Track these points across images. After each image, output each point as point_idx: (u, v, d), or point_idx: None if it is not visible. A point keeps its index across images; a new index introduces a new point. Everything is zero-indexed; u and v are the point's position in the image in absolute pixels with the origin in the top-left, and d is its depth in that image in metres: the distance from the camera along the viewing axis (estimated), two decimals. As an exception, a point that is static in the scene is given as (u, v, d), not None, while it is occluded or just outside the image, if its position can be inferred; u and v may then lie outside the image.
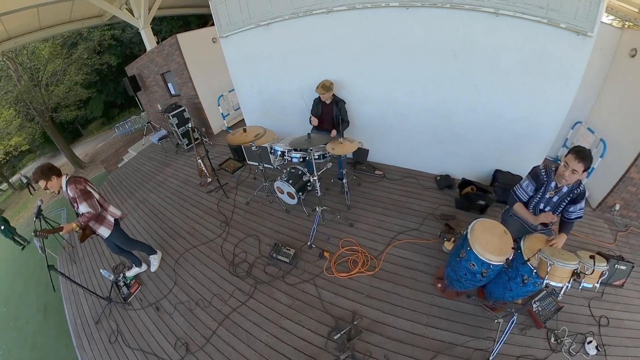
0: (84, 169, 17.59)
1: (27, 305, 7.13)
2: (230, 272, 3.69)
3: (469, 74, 3.48)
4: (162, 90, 9.86)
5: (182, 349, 3.11)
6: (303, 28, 4.23)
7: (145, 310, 3.73)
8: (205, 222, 4.73)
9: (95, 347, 3.64)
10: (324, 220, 3.95)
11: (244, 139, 3.91)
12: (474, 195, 3.65)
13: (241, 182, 5.43)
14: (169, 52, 7.87)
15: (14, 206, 22.17)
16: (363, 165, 4.81)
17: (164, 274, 4.09)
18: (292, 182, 4.06)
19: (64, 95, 16.93)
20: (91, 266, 5.07)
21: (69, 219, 10.00)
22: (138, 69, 10.63)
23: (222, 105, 8.03)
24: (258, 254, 3.80)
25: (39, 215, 5.29)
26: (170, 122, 7.64)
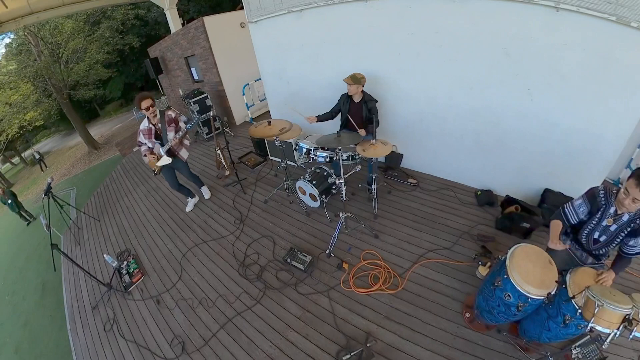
0: (98, 150, 18.67)
1: (25, 281, 7.68)
2: (240, 273, 3.82)
3: (521, 75, 3.41)
4: (184, 75, 10.34)
5: (178, 347, 3.26)
6: (338, 16, 4.32)
7: (146, 302, 3.94)
8: (219, 217, 4.93)
9: (88, 333, 3.92)
10: (346, 228, 4.00)
11: (268, 132, 4.05)
12: (518, 216, 3.58)
13: (261, 178, 5.61)
14: (194, 35, 8.25)
15: (23, 181, 23.86)
16: (395, 171, 4.83)
17: (170, 267, 4.31)
18: (315, 183, 4.15)
19: (84, 73, 18.25)
20: (95, 250, 5.43)
21: (77, 200, 10.63)
22: (161, 51, 11.21)
23: (247, 94, 8.31)
24: (271, 257, 3.92)
25: (49, 192, 5.83)
26: (190, 109, 8.00)
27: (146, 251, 4.82)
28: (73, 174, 16.34)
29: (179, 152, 4.60)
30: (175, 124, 4.38)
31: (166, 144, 4.35)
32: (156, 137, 4.38)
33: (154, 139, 4.34)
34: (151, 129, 4.29)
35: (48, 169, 21.95)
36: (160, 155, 4.39)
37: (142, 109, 4.10)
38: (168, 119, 4.33)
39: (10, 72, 16.87)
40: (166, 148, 4.36)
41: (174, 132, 4.37)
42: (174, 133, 4.37)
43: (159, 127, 4.32)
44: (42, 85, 16.84)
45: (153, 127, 4.29)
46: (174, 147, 4.51)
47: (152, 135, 4.33)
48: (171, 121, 4.35)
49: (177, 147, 4.56)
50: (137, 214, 5.85)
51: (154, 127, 4.29)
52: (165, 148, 4.36)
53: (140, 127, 4.33)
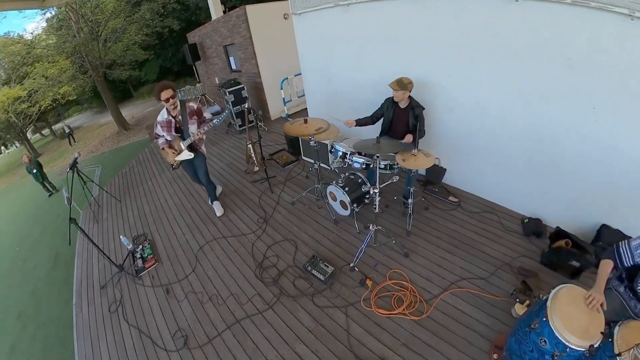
0: (127, 131, 19.93)
1: (39, 250, 8.43)
2: (256, 274, 4.00)
3: (586, 92, 3.27)
4: (222, 63, 10.87)
5: (181, 341, 3.47)
6: (387, 13, 4.40)
7: (155, 289, 4.23)
8: (242, 213, 5.18)
9: (92, 311, 4.27)
10: (375, 242, 4.07)
11: (304, 130, 4.22)
12: (567, 252, 3.48)
13: (291, 178, 5.83)
14: (235, 24, 8.69)
15: (51, 153, 25.97)
16: (436, 186, 4.84)
17: (184, 258, 4.59)
18: (348, 189, 4.26)
19: (121, 53, 19.85)
20: (112, 230, 5.89)
21: (101, 178, 11.38)
22: (200, 37, 11.84)
23: (285, 89, 8.64)
24: (291, 263, 4.06)
25: (74, 166, 6.38)
26: (225, 99, 8.41)
27: (163, 238, 5.16)
28: (100, 151, 17.52)
29: (200, 146, 4.72)
30: (197, 116, 4.45)
31: (188, 138, 4.42)
32: (176, 130, 4.45)
33: (173, 132, 4.43)
34: (170, 122, 4.36)
35: (76, 144, 23.83)
36: (180, 150, 4.50)
37: (162, 100, 4.12)
38: (190, 111, 4.38)
39: (50, 46, 18.73)
40: (188, 142, 4.44)
41: (196, 125, 4.45)
42: (196, 126, 4.44)
43: (179, 119, 4.38)
44: (78, 62, 18.55)
45: (173, 120, 4.36)
46: (196, 142, 4.60)
47: (172, 128, 4.40)
48: (193, 113, 4.40)
49: (199, 142, 4.67)
50: (159, 199, 6.25)
51: (173, 119, 4.36)
52: (187, 142, 4.45)
53: (158, 118, 4.41)
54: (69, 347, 4.22)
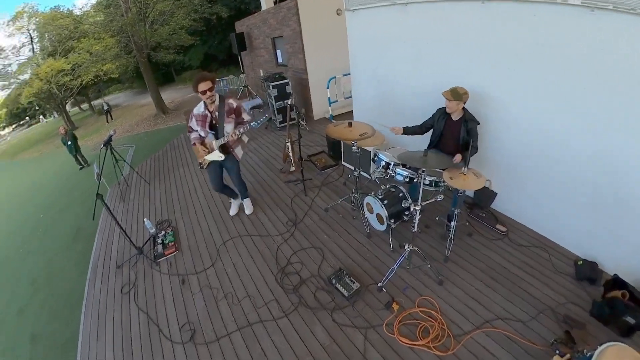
0: (165, 115, 21.00)
1: (62, 222, 9.04)
2: (277, 279, 4.10)
3: None
4: (268, 56, 11.23)
5: (188, 334, 3.63)
6: (447, 16, 4.37)
7: (171, 277, 4.46)
8: (272, 213, 5.34)
9: (105, 289, 4.59)
10: (409, 263, 4.05)
11: (347, 134, 4.29)
12: (623, 306, 3.29)
13: (327, 183, 5.93)
14: (285, 16, 8.99)
15: (87, 127, 27.94)
16: (483, 211, 4.73)
17: (206, 251, 4.80)
18: (387, 203, 4.27)
19: (167, 36, 21.00)
20: (137, 211, 6.27)
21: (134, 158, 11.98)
22: (248, 27, 12.31)
23: (331, 89, 8.78)
24: (315, 273, 4.12)
25: (108, 143, 6.85)
26: (268, 93, 8.68)
27: (187, 227, 5.41)
28: (136, 132, 18.49)
29: (234, 149, 4.65)
30: (235, 116, 4.42)
31: (221, 138, 4.41)
32: (211, 127, 4.43)
33: (208, 129, 4.42)
34: (206, 116, 4.36)
35: (113, 122, 25.52)
36: (212, 149, 4.51)
37: (199, 92, 4.12)
38: (228, 109, 4.36)
39: (97, 23, 20.20)
40: (220, 142, 4.42)
41: (232, 125, 4.40)
42: (232, 126, 4.40)
43: (215, 115, 4.37)
44: (124, 41, 19.76)
45: (209, 115, 4.36)
46: (230, 143, 4.55)
47: (207, 123, 4.39)
48: (231, 111, 4.39)
49: (234, 144, 4.61)
50: (189, 187, 6.53)
51: (210, 114, 4.36)
52: (220, 142, 4.43)
53: (194, 111, 4.44)
54: (75, 320, 4.53)
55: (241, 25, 13.34)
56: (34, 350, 4.95)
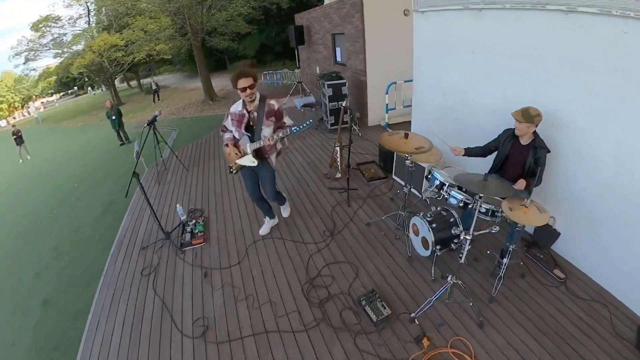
0: (213, 102, 21.92)
1: (95, 194, 9.82)
2: (303, 289, 4.15)
3: None
4: (327, 53, 11.41)
5: (200, 329, 3.77)
6: (526, 26, 4.21)
7: (194, 268, 4.68)
8: (309, 219, 5.44)
9: (125, 268, 4.91)
10: (448, 297, 3.96)
11: (402, 146, 4.29)
12: None
13: (374, 196, 5.94)
14: (348, 12, 9.09)
15: (133, 105, 29.79)
16: (542, 252, 4.53)
17: (234, 247, 4.97)
18: (435, 227, 4.20)
19: (223, 22, 22.14)
20: (171, 196, 6.64)
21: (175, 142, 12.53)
22: (308, 20, 12.58)
23: (390, 95, 8.79)
24: (346, 290, 4.12)
25: (152, 123, 7.26)
26: (323, 92, 8.82)
27: (219, 220, 5.63)
28: (181, 115, 19.41)
29: (270, 155, 4.50)
30: (276, 119, 4.31)
31: (257, 141, 4.26)
32: (247, 128, 4.32)
33: (243, 130, 4.31)
34: (244, 116, 4.26)
35: (159, 102, 27.12)
36: (244, 153, 4.38)
37: (238, 88, 4.03)
38: (268, 110, 4.24)
39: (154, 2, 21.21)
40: (255, 146, 4.28)
41: (271, 129, 4.28)
42: (271, 130, 4.28)
43: (253, 116, 4.25)
44: (179, 23, 20.89)
45: (247, 115, 4.26)
46: (266, 148, 4.39)
47: (243, 124, 4.29)
48: (272, 113, 4.27)
49: (270, 149, 4.45)
50: (227, 179, 6.81)
51: (248, 114, 4.26)
52: (255, 146, 4.28)
53: (231, 109, 4.37)
54: (90, 293, 4.89)
55: (301, 18, 13.68)
56: (44, 314, 5.37)
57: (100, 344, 3.90)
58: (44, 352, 4.70)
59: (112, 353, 3.76)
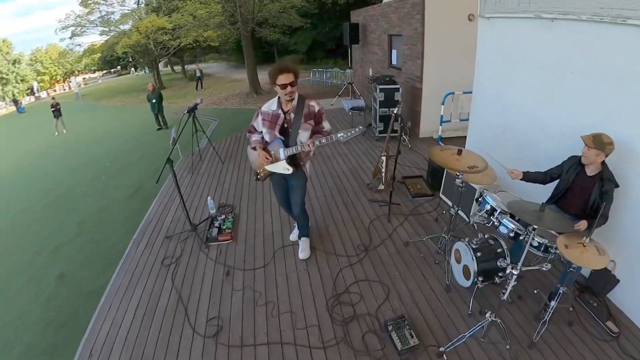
0: (257, 95, 22.57)
1: (126, 175, 10.37)
2: (328, 304, 4.18)
3: None
4: (382, 54, 11.48)
5: (213, 329, 3.90)
6: (603, 42, 4.03)
7: (216, 266, 4.86)
8: (344, 230, 5.50)
9: (146, 255, 5.20)
10: (484, 336, 3.86)
11: (454, 163, 4.23)
12: None
13: (416, 213, 5.91)
14: (408, 13, 9.10)
15: (175, 90, 31.03)
16: (596, 299, 4.36)
17: (261, 250, 5.09)
18: (480, 256, 4.13)
19: (276, 14, 22.83)
20: (203, 188, 6.93)
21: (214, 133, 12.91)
22: (365, 18, 12.69)
23: (446, 106, 8.71)
24: (373, 311, 4.13)
25: (193, 111, 7.60)
26: (374, 95, 8.88)
27: (249, 219, 5.82)
28: (223, 106, 20.05)
29: (305, 163, 4.36)
30: (315, 122, 4.14)
31: (292, 147, 4.06)
32: (281, 131, 4.13)
33: (277, 132, 4.12)
34: (278, 117, 4.08)
35: (202, 90, 28.31)
36: (277, 158, 4.17)
37: (277, 85, 3.88)
38: (308, 112, 4.08)
39: None
40: (291, 152, 4.08)
41: (308, 133, 4.12)
42: (308, 134, 4.12)
43: (290, 117, 4.08)
44: (230, 10, 21.52)
45: (282, 115, 4.07)
46: (302, 155, 4.25)
47: (278, 126, 4.10)
48: (311, 115, 4.11)
49: (306, 156, 4.33)
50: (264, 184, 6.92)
51: (284, 115, 4.08)
52: (290, 152, 4.08)
53: (263, 107, 4.21)
54: (107, 274, 5.18)
55: (357, 16, 13.82)
56: (58, 288, 5.72)
57: (109, 328, 4.13)
58: (51, 327, 4.99)
59: (120, 338, 3.96)
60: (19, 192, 12.04)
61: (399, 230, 5.47)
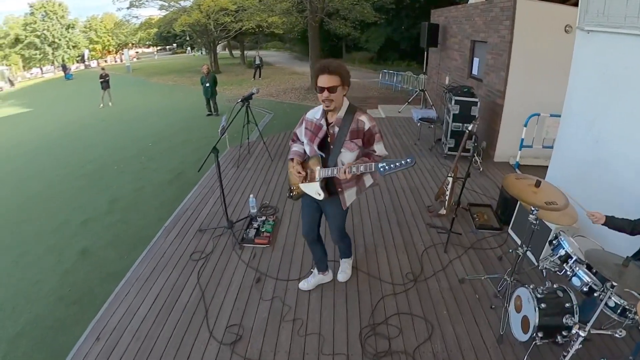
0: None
1: (167, 159, 10.98)
2: (362, 333, 4.15)
3: None
4: (461, 61, 11.38)
5: (231, 337, 3.99)
6: None
7: (247, 270, 4.99)
8: (393, 254, 5.47)
9: (175, 245, 5.43)
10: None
11: (529, 195, 4.12)
12: None
13: (478, 248, 5.76)
14: (496, 17, 8.92)
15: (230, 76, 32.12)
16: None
17: (299, 262, 5.20)
18: (544, 308, 3.97)
19: (348, 5, 23.18)
20: (247, 184, 7.19)
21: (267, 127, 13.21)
22: (447, 19, 12.63)
23: (529, 128, 8.43)
24: (411, 350, 4.05)
25: (247, 100, 7.84)
26: (448, 107, 8.82)
27: (291, 226, 5.94)
28: (280, 99, 20.53)
29: (344, 190, 3.91)
30: (364, 143, 3.74)
31: (330, 168, 3.67)
32: (321, 145, 3.78)
33: (316, 146, 3.78)
34: (320, 128, 3.74)
35: (259, 80, 29.44)
36: (312, 177, 3.81)
37: (317, 87, 3.49)
38: (355, 128, 3.65)
39: None
40: (326, 174, 3.68)
41: (354, 155, 3.73)
42: (354, 156, 3.73)
43: (334, 131, 3.69)
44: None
45: (325, 127, 3.72)
46: (340, 180, 3.73)
47: (318, 138, 3.76)
48: (359, 134, 3.68)
49: (346, 183, 3.85)
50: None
51: (327, 127, 3.72)
52: (325, 173, 3.69)
53: (308, 114, 3.91)
54: (131, 258, 5.48)
55: (438, 16, 13.75)
56: (78, 264, 6.11)
57: (123, 314, 4.33)
58: (64, 302, 5.31)
59: (131, 328, 4.14)
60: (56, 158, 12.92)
61: (456, 264, 5.36)
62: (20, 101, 31.13)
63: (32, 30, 57.39)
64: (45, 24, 58.17)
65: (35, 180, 10.81)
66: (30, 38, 57.15)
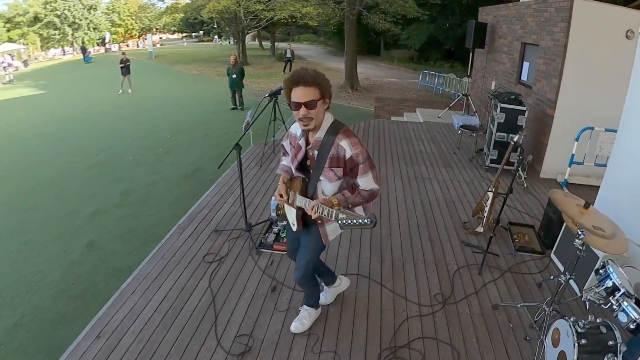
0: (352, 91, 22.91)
1: (186, 153, 11.26)
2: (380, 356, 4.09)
3: None
4: (510, 65, 11.26)
5: (239, 347, 4.00)
6: None
7: (263, 277, 5.01)
8: (422, 272, 5.41)
9: (188, 245, 5.47)
10: None
11: (575, 215, 4.05)
12: None
13: (516, 272, 5.64)
14: (549, 18, 8.78)
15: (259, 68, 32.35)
16: None
17: None
18: (584, 344, 3.89)
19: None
20: (269, 185, 7.24)
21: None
22: (496, 18, 12.50)
23: (581, 143, 8.23)
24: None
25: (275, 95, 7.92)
26: (492, 115, 8.75)
27: None
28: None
29: (325, 223, 3.52)
30: (345, 172, 3.29)
31: (305, 199, 3.33)
32: (300, 167, 3.51)
33: (295, 169, 3.56)
34: (300, 148, 3.43)
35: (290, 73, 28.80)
36: (292, 202, 3.50)
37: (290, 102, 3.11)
38: (334, 154, 3.21)
39: None
40: (303, 203, 3.33)
41: (336, 186, 3.38)
42: (334, 186, 3.37)
43: (313, 154, 3.34)
44: None
45: (304, 149, 3.40)
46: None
47: (297, 159, 3.46)
48: (339, 161, 3.23)
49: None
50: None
51: (305, 148, 3.39)
52: (302, 202, 3.33)
53: (291, 128, 3.64)
54: (141, 255, 5.60)
55: (487, 14, 13.63)
56: (84, 256, 6.30)
57: (126, 313, 4.39)
58: (65, 294, 5.46)
59: (134, 328, 4.20)
60: (70, 144, 13.28)
61: (490, 288, 5.27)
62: (35, 82, 31.92)
63: (52, 9, 59.02)
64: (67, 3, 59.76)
65: (46, 166, 11.12)
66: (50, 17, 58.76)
